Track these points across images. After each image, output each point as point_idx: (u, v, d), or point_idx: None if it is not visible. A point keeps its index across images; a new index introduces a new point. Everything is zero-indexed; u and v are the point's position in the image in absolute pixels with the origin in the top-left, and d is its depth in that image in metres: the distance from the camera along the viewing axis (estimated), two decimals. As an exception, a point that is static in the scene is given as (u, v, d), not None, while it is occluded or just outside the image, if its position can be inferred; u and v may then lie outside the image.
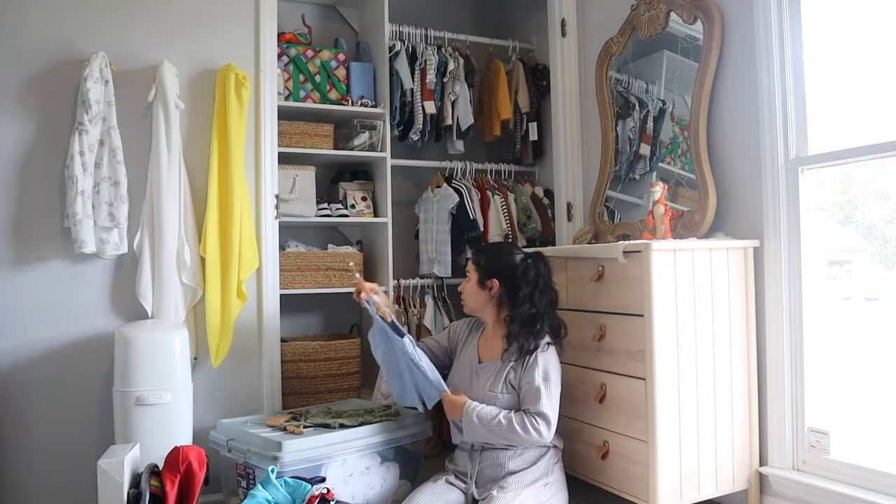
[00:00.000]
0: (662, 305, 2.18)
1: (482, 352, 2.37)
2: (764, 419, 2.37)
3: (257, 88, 2.76)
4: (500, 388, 2.24)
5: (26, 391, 2.41)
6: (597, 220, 3.00)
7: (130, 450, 2.06)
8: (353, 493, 2.30)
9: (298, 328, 3.34)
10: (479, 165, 3.50)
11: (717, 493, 2.30)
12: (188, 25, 2.68)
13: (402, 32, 3.31)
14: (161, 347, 2.36)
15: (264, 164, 2.77)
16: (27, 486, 2.40)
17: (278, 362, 2.80)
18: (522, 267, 2.30)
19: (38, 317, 2.43)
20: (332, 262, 3.08)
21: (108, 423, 2.42)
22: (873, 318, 2.41)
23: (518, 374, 2.23)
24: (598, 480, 2.40)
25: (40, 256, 2.44)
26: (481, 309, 2.37)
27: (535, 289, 2.28)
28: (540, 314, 2.26)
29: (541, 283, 2.29)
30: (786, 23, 2.32)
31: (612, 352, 2.34)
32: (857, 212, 2.49)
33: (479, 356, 2.37)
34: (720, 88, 2.51)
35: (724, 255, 2.33)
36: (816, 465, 2.25)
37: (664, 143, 2.75)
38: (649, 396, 2.17)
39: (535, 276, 2.29)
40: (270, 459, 2.13)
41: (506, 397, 2.23)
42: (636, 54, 2.89)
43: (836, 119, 2.29)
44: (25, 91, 2.44)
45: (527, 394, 2.20)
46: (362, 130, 3.17)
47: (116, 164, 2.46)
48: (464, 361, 2.40)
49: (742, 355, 2.36)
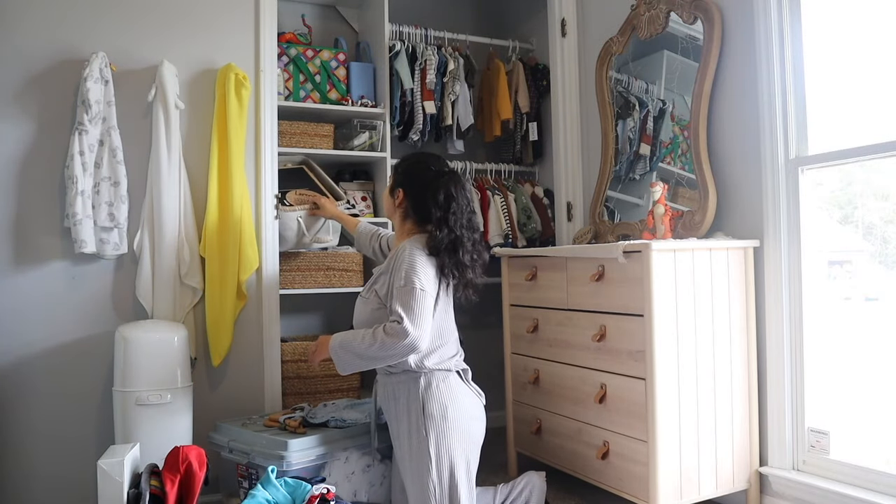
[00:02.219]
0: (662, 305, 2.18)
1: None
2: (764, 419, 2.37)
3: (257, 88, 2.77)
4: (369, 292, 2.15)
5: (26, 391, 2.41)
6: (597, 220, 3.00)
7: (130, 450, 2.05)
8: (356, 491, 2.31)
9: (298, 328, 3.34)
10: (479, 165, 3.50)
11: (717, 493, 2.30)
12: (188, 25, 2.68)
13: (402, 32, 3.31)
14: (161, 347, 2.36)
15: (264, 164, 2.77)
16: (27, 486, 2.41)
17: (278, 362, 2.80)
18: (433, 184, 2.14)
19: (38, 317, 2.43)
20: (332, 262, 3.08)
21: (108, 423, 2.42)
22: (873, 318, 2.41)
23: (386, 280, 2.11)
24: (597, 480, 2.40)
25: (40, 256, 2.44)
26: (390, 217, 2.32)
27: (444, 210, 2.11)
28: (459, 238, 2.10)
29: (453, 205, 2.12)
30: (786, 23, 2.32)
31: (612, 352, 2.34)
32: (857, 212, 2.48)
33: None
34: (720, 88, 2.52)
35: (724, 255, 2.33)
36: (816, 465, 2.25)
37: (664, 143, 2.75)
38: (649, 396, 2.17)
39: (442, 196, 2.12)
40: (276, 458, 2.13)
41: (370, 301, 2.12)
42: (636, 54, 2.89)
43: (836, 119, 2.29)
44: (25, 91, 2.44)
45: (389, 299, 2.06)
46: (362, 130, 3.17)
47: (116, 164, 2.46)
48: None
49: (742, 355, 2.36)
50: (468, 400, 2.15)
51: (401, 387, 2.14)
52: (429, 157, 2.30)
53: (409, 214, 2.23)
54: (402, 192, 2.23)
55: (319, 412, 2.43)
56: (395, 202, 2.26)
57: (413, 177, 2.24)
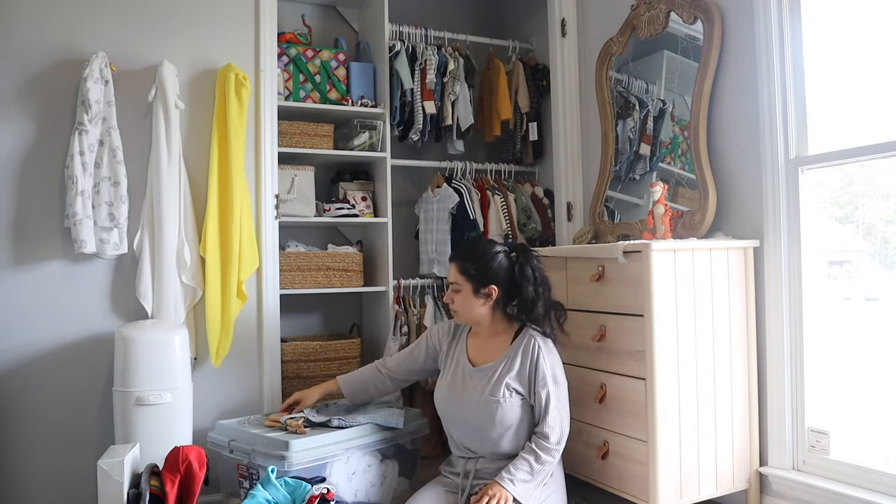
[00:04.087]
0: (662, 305, 2.18)
1: (475, 355, 2.27)
2: (764, 419, 2.37)
3: (257, 88, 2.77)
4: (503, 393, 2.14)
5: (26, 391, 2.41)
6: (597, 220, 3.00)
7: (130, 450, 2.05)
8: (356, 491, 2.31)
9: (298, 328, 3.34)
10: (479, 165, 3.50)
11: (716, 493, 2.30)
12: (188, 25, 2.68)
13: (402, 32, 3.31)
14: (161, 347, 2.36)
15: (264, 164, 2.77)
16: (27, 486, 2.41)
17: (278, 362, 2.80)
18: (517, 267, 2.22)
19: (38, 317, 2.43)
20: (332, 262, 3.08)
21: (108, 423, 2.42)
22: (873, 318, 2.41)
23: (525, 378, 2.17)
24: (597, 480, 2.40)
25: (40, 256, 2.44)
26: (479, 318, 2.24)
27: (536, 284, 2.21)
28: (546, 305, 2.22)
29: (538, 276, 2.22)
30: (786, 23, 2.32)
31: (612, 352, 2.34)
32: (858, 212, 2.48)
33: (470, 360, 2.27)
34: (720, 88, 2.52)
35: (724, 255, 2.33)
36: (816, 465, 2.25)
37: (664, 143, 2.75)
38: (649, 396, 2.17)
39: (531, 272, 2.21)
40: (278, 459, 2.13)
41: (512, 402, 2.15)
42: (636, 54, 2.89)
43: (836, 119, 2.28)
44: (25, 91, 2.44)
45: (537, 406, 2.16)
46: (362, 130, 3.17)
47: (116, 164, 2.46)
48: (452, 367, 2.30)
49: (742, 355, 2.36)
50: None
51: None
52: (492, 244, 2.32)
53: (499, 304, 2.24)
54: (496, 287, 2.21)
55: (322, 411, 2.43)
56: (484, 301, 2.23)
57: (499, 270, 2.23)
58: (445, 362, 2.35)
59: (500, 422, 2.14)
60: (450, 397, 2.26)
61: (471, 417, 2.20)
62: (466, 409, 2.20)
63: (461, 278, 2.23)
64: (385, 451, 2.40)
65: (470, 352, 2.30)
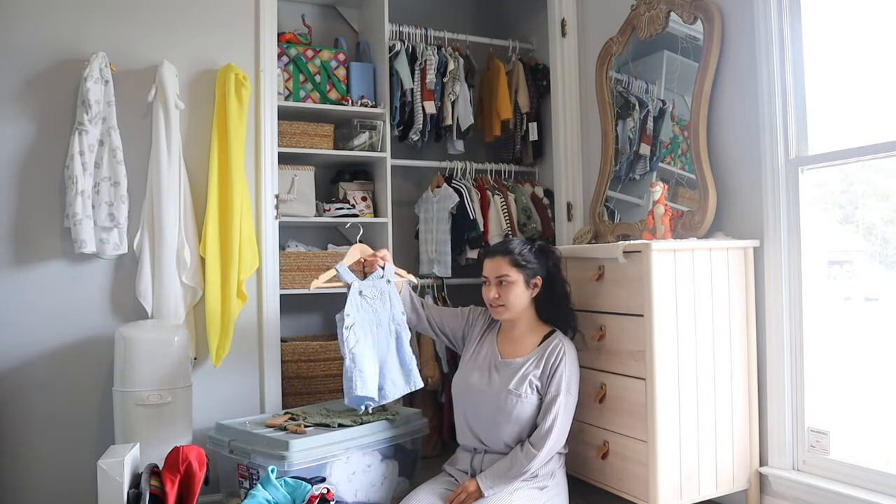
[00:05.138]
0: (662, 305, 2.18)
1: (504, 349, 2.31)
2: (764, 419, 2.37)
3: (257, 88, 2.77)
4: (524, 389, 2.18)
5: (26, 391, 2.41)
6: (597, 220, 3.00)
7: (130, 450, 2.05)
8: (356, 491, 2.31)
9: (298, 328, 3.34)
10: (479, 165, 3.50)
11: (717, 493, 2.30)
12: (188, 25, 2.68)
13: (402, 32, 3.31)
14: (161, 347, 2.36)
15: (264, 164, 2.77)
16: (27, 487, 2.41)
17: (278, 362, 2.80)
18: (552, 261, 2.35)
19: (38, 317, 2.43)
20: (332, 262, 3.07)
21: (108, 423, 2.42)
22: (873, 318, 2.41)
23: (545, 377, 2.21)
24: (597, 480, 2.40)
25: (40, 256, 2.44)
26: (522, 311, 2.30)
27: (562, 279, 2.37)
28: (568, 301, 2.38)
29: (561, 272, 2.39)
30: (786, 23, 2.32)
31: (612, 352, 2.34)
32: (858, 212, 2.48)
33: (499, 352, 2.31)
34: (720, 88, 2.51)
35: (724, 255, 2.33)
36: (816, 465, 2.25)
37: (664, 143, 2.75)
38: (649, 396, 2.17)
39: (557, 268, 2.37)
40: (278, 459, 2.13)
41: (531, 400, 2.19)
42: (636, 54, 2.89)
43: (836, 119, 2.28)
44: (25, 91, 2.44)
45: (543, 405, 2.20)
46: (362, 130, 3.17)
47: (116, 164, 2.46)
48: (480, 353, 2.35)
49: (742, 355, 2.35)
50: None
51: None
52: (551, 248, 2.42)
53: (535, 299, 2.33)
54: (542, 280, 2.31)
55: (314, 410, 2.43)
56: (532, 293, 2.31)
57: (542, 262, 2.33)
58: (472, 346, 2.40)
59: (514, 417, 2.18)
60: (471, 382, 2.29)
61: (487, 407, 2.23)
62: (486, 398, 2.24)
63: (513, 270, 2.27)
64: (385, 451, 2.40)
65: (500, 344, 2.34)
